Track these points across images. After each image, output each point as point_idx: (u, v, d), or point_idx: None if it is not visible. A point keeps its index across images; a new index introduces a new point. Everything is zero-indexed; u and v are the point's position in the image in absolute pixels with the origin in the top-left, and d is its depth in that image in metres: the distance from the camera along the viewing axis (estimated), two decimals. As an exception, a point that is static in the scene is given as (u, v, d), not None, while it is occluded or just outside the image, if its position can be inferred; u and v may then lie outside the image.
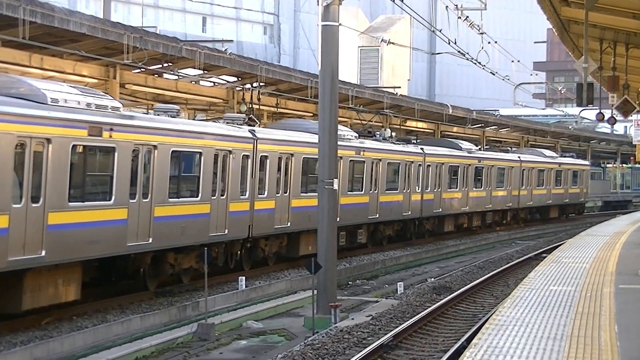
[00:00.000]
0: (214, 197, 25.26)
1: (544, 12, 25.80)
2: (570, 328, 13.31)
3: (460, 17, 35.37)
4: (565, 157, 67.23)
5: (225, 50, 30.26)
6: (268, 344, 20.29)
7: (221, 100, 34.79)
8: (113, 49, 25.64)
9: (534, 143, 74.67)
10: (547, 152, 62.97)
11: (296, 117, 36.75)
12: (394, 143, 39.47)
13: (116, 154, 20.96)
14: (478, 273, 31.49)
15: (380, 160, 36.35)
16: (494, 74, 44.57)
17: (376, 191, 36.10)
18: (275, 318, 23.51)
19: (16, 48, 23.58)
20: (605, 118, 34.30)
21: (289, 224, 29.34)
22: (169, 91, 31.50)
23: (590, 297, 16.52)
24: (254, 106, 34.15)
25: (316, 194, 28.99)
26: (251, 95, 34.24)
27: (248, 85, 34.16)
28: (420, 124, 52.64)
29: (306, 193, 30.11)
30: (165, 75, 31.07)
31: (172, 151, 23.20)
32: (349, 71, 68.54)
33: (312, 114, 38.64)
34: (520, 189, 55.03)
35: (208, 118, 36.61)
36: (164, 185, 22.86)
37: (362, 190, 35.05)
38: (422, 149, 41.85)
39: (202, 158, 24.61)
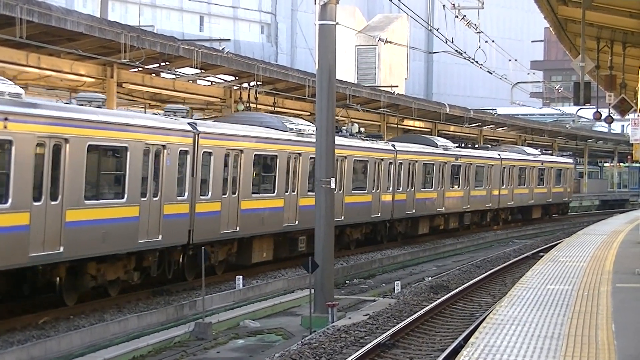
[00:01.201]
0: (144, 199, 22.31)
1: (541, 11, 25.82)
2: (567, 327, 13.32)
3: (457, 16, 35.38)
4: (547, 154, 64.98)
5: (223, 49, 30.25)
6: (265, 343, 20.29)
7: (219, 100, 34.79)
8: (110, 48, 25.62)
9: (531, 142, 74.74)
10: (529, 150, 60.46)
11: (293, 116, 36.45)
12: (362, 139, 36.70)
13: (13, 148, 18.03)
14: (475, 272, 31.50)
15: (345, 157, 33.54)
16: (491, 73, 44.62)
17: (341, 191, 33.11)
18: (272, 317, 23.51)
19: (13, 47, 23.56)
20: (603, 117, 34.37)
21: (237, 228, 26.56)
22: (167, 90, 31.50)
23: (587, 296, 16.53)
24: (252, 105, 34.15)
25: (270, 194, 28.35)
26: (248, 94, 34.24)
27: (245, 85, 34.16)
28: (417, 123, 52.65)
29: (258, 194, 27.82)
30: (162, 74, 31.05)
31: (89, 145, 20.30)
32: (346, 70, 68.58)
33: (309, 113, 38.64)
34: (500, 188, 52.19)
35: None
36: (78, 185, 19.96)
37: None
38: (393, 145, 39.28)
39: (129, 153, 21.59)
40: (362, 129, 38.40)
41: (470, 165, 47.77)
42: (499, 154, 52.81)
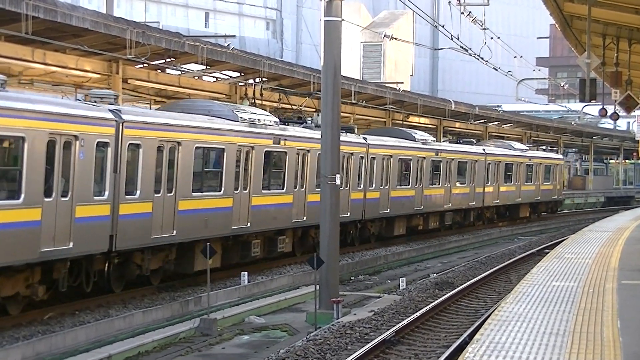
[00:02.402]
0: (49, 199, 18.90)
1: (546, 7, 25.79)
2: (572, 324, 13.31)
3: (462, 13, 35.35)
4: (537, 149, 62.17)
5: (228, 45, 30.24)
6: (270, 339, 20.30)
7: (224, 96, 34.79)
8: (116, 44, 25.64)
9: (536, 139, 74.72)
10: (517, 145, 56.84)
11: (295, 112, 36.26)
12: None
13: None
14: (480, 268, 31.50)
15: (308, 151, 29.96)
16: (496, 70, 44.62)
17: (303, 189, 29.91)
18: (277, 313, 23.52)
19: (19, 43, 23.57)
20: (608, 114, 34.34)
21: (174, 232, 23.14)
22: (172, 86, 31.52)
23: (592, 292, 16.51)
24: (257, 101, 34.15)
25: (216, 193, 24.98)
26: (254, 91, 34.22)
27: (251, 81, 34.16)
28: (422, 120, 52.64)
29: (201, 192, 24.32)
30: (167, 71, 31.06)
31: None
32: (351, 67, 68.56)
33: (314, 110, 38.63)
34: (485, 185, 48.54)
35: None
36: None
37: (283, 188, 28.80)
38: (365, 138, 35.68)
39: (26, 145, 18.24)
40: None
41: (452, 160, 44.31)
42: (484, 149, 49.47)
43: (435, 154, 42.17)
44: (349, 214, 33.50)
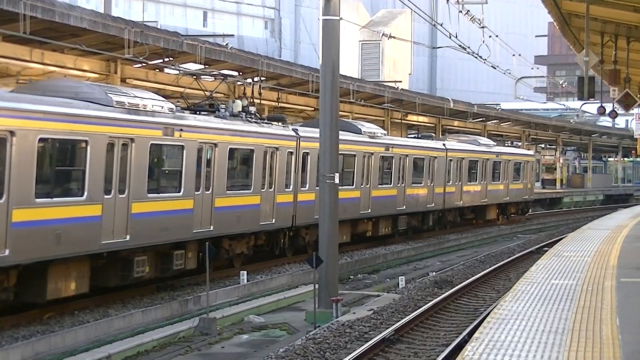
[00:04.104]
0: None
1: (544, 5, 25.79)
2: (571, 322, 13.31)
3: (461, 11, 35.40)
4: (505, 145, 57.00)
5: (226, 44, 30.26)
6: (270, 338, 20.30)
7: (222, 95, 34.79)
8: (114, 43, 25.65)
9: (535, 137, 74.80)
10: (483, 140, 51.88)
11: (297, 112, 36.20)
12: (248, 121, 27.19)
13: None
14: (479, 267, 31.51)
15: (215, 145, 24.86)
16: (495, 68, 44.64)
17: (208, 191, 24.60)
18: (276, 312, 23.53)
19: (17, 43, 23.59)
20: (607, 112, 34.32)
21: (7, 251, 17.57)
22: (170, 86, 31.52)
23: (591, 290, 16.52)
24: (255, 101, 34.14)
25: (76, 198, 19.57)
26: (252, 90, 34.21)
27: (249, 80, 34.17)
28: (421, 118, 52.68)
29: (49, 198, 18.80)
30: (166, 70, 31.07)
31: None
32: (350, 65, 68.57)
33: (313, 109, 38.66)
34: (446, 185, 43.44)
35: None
36: None
37: (179, 191, 23.30)
38: (295, 130, 30.15)
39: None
40: (254, 109, 28.45)
41: (406, 157, 38.89)
42: (444, 144, 44.36)
43: (385, 149, 36.73)
44: (273, 221, 28.15)
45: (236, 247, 27.00)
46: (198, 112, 25.73)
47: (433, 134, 47.99)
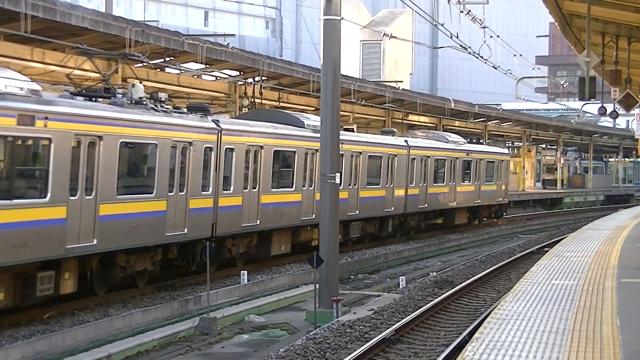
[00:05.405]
0: None
1: (546, 6, 25.81)
2: (572, 322, 13.31)
3: (462, 11, 35.41)
4: (478, 143, 52.80)
5: (227, 44, 30.27)
6: (270, 338, 20.30)
7: (223, 95, 34.83)
8: (115, 43, 25.66)
9: (536, 137, 74.81)
10: (452, 137, 46.64)
11: (299, 111, 36.12)
12: (154, 110, 22.23)
13: None
14: (480, 267, 31.50)
15: (100, 138, 19.77)
16: (496, 68, 44.66)
17: (90, 196, 19.59)
18: (277, 312, 23.52)
19: (18, 42, 23.60)
20: (608, 112, 34.34)
21: None
22: (171, 85, 31.53)
23: (592, 291, 16.52)
24: (256, 100, 34.17)
25: None
26: (253, 90, 34.26)
27: (250, 80, 34.19)
28: (422, 119, 52.70)
29: None
30: (167, 70, 31.08)
31: None
32: (351, 65, 68.58)
33: (314, 108, 38.66)
34: (408, 186, 38.84)
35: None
36: None
37: (44, 196, 18.32)
38: (216, 122, 25.17)
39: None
40: (163, 95, 23.55)
41: (359, 154, 34.03)
42: (406, 141, 39.63)
43: None
44: (185, 231, 23.41)
45: (136, 264, 22.18)
46: (94, 99, 20.98)
47: (395, 130, 42.66)
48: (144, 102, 22.17)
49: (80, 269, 20.16)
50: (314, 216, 29.49)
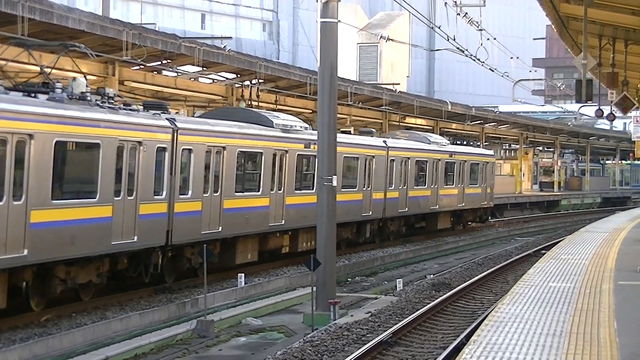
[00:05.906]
0: None
1: (543, 8, 25.83)
2: (569, 324, 13.31)
3: (459, 14, 35.41)
4: (461, 144, 51.47)
5: (224, 47, 30.25)
6: (267, 340, 20.29)
7: (220, 97, 34.82)
8: (112, 45, 25.63)
9: (533, 139, 74.84)
10: (434, 137, 45.16)
11: (294, 114, 36.12)
12: (98, 106, 20.39)
13: None
14: (477, 270, 31.51)
15: (30, 136, 17.92)
16: (493, 71, 44.67)
17: (19, 201, 17.71)
18: (274, 315, 23.51)
19: (15, 45, 23.51)
20: (605, 114, 34.40)
21: None
22: (168, 88, 31.52)
23: (589, 293, 16.52)
24: (253, 103, 34.15)
25: None
26: (250, 92, 34.25)
27: (247, 82, 34.17)
28: (419, 121, 52.71)
29: None
30: (164, 72, 31.07)
31: None
32: (348, 68, 68.60)
33: (311, 111, 38.66)
34: (387, 189, 37.08)
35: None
36: None
37: None
38: (170, 120, 23.12)
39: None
40: (111, 91, 21.93)
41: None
42: (385, 141, 37.79)
43: (305, 146, 29.72)
44: (135, 239, 21.47)
45: (78, 276, 20.36)
46: (32, 95, 18.97)
47: (374, 130, 41.13)
48: (88, 98, 20.24)
49: (11, 282, 18.27)
50: (283, 222, 28.45)
